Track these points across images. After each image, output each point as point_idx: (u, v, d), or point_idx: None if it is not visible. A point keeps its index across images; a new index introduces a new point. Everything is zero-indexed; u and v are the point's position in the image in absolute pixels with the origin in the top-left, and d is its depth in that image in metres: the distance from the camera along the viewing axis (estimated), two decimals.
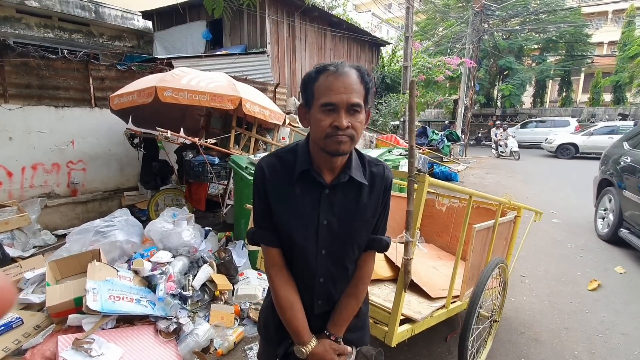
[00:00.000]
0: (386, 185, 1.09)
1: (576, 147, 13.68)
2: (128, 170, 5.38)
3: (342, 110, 0.92)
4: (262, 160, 1.08)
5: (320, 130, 0.94)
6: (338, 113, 0.92)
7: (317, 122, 0.94)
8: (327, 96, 0.92)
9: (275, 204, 1.04)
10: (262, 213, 1.08)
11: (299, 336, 1.05)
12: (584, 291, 3.39)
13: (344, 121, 0.92)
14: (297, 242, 1.05)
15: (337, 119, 0.92)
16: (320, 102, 0.93)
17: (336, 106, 0.92)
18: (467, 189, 2.02)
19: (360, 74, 0.96)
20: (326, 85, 0.93)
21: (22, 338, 2.09)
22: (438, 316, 1.96)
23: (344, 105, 0.92)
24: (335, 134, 0.92)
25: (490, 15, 15.38)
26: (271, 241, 1.08)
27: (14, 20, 8.63)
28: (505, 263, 2.40)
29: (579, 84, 27.31)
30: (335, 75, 0.93)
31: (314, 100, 0.95)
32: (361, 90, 0.95)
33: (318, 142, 0.97)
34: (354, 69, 0.95)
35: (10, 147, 4.22)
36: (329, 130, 0.92)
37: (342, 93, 0.91)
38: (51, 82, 4.61)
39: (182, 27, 10.14)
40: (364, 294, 1.14)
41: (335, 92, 0.92)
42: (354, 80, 0.94)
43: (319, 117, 0.94)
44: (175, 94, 3.69)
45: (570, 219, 5.70)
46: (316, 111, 0.95)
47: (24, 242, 3.84)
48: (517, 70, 20.27)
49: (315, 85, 0.95)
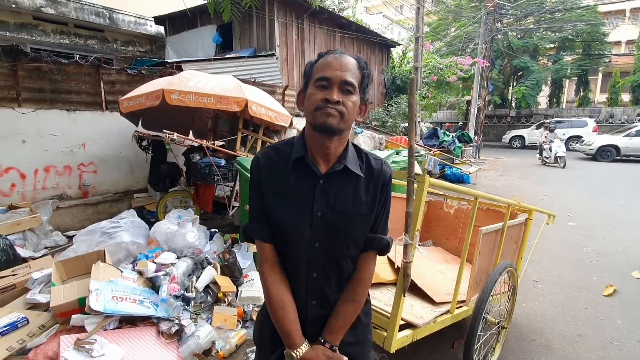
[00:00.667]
0: (384, 180, 1.05)
1: (617, 149, 12.67)
2: (138, 172, 5.45)
3: (335, 85, 0.94)
4: (259, 152, 1.10)
5: (311, 103, 0.95)
6: (331, 89, 0.94)
7: (310, 96, 0.96)
8: (323, 71, 0.95)
9: (269, 194, 1.03)
10: (256, 206, 1.07)
11: (289, 338, 1.01)
12: (599, 297, 3.26)
13: (335, 95, 0.93)
14: (290, 233, 1.02)
15: (328, 93, 0.93)
16: (316, 77, 0.96)
17: (330, 81, 0.94)
18: (472, 190, 1.95)
19: (358, 62, 0.99)
20: (324, 63, 0.97)
21: (26, 337, 2.11)
22: (442, 322, 1.90)
23: (337, 81, 0.94)
24: (324, 106, 0.93)
25: (504, 14, 15.13)
26: (264, 236, 1.05)
27: (31, 27, 8.91)
28: (515, 267, 2.31)
29: (597, 84, 26.57)
30: (334, 56, 0.97)
31: (310, 78, 0.98)
32: (357, 74, 0.97)
33: (308, 117, 0.99)
34: (352, 57, 0.99)
35: (23, 150, 4.33)
36: (320, 103, 0.94)
37: (337, 70, 0.94)
38: (63, 86, 4.72)
39: (193, 31, 10.28)
40: (363, 298, 1.09)
41: (330, 69, 0.94)
42: (352, 63, 0.97)
43: (312, 92, 0.96)
44: (182, 96, 3.72)
45: (586, 222, 5.51)
46: (311, 87, 0.97)
47: (35, 243, 3.92)
48: (532, 70, 19.84)
49: (314, 67, 0.99)
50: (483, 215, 2.80)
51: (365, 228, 1.05)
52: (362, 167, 1.05)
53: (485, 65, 13.52)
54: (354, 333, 1.09)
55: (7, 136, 4.19)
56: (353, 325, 1.08)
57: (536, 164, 12.31)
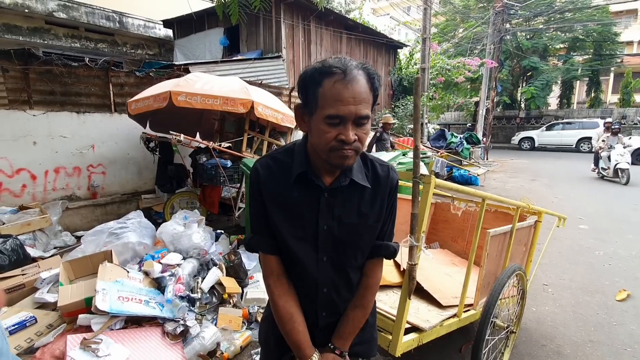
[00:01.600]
0: (391, 187, 1.02)
1: None
2: (145, 173, 5.51)
3: (350, 122, 0.84)
4: (257, 161, 1.02)
5: (323, 142, 0.86)
6: (345, 126, 0.84)
7: (321, 133, 0.86)
8: (334, 107, 0.83)
9: (272, 208, 0.98)
10: (258, 218, 1.02)
11: (299, 350, 0.99)
12: (612, 302, 3.18)
13: (351, 135, 0.84)
14: (296, 249, 0.98)
15: (343, 132, 0.84)
16: (326, 114, 0.84)
17: (344, 119, 0.84)
18: (480, 192, 1.92)
19: (369, 78, 0.87)
20: (333, 94, 0.83)
21: (34, 336, 2.13)
22: (449, 325, 1.86)
23: (352, 118, 0.84)
24: (341, 148, 0.85)
25: (513, 15, 14.98)
26: (268, 248, 1.01)
27: (43, 31, 9.08)
28: (524, 270, 2.26)
29: (609, 85, 26.11)
30: (343, 84, 0.83)
31: (318, 109, 0.86)
32: (370, 99, 0.87)
33: (320, 154, 0.90)
34: (362, 73, 0.86)
35: (34, 151, 4.40)
36: (334, 143, 0.85)
37: (350, 104, 0.83)
38: (73, 89, 4.80)
39: (201, 34, 10.38)
40: (371, 304, 1.08)
41: (343, 104, 0.83)
42: (364, 87, 0.85)
43: (322, 129, 0.85)
44: (188, 98, 3.75)
45: (598, 225, 5.40)
46: (320, 121, 0.86)
47: (45, 243, 3.97)
48: (541, 70, 19.58)
49: (319, 91, 0.85)
50: (491, 217, 2.76)
51: (372, 237, 1.03)
52: (367, 175, 1.00)
53: (493, 65, 13.38)
54: (360, 334, 1.09)
55: (18, 138, 4.26)
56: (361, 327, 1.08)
57: (590, 176, 9.68)
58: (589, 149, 15.67)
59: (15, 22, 8.63)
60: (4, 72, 4.18)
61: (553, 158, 14.18)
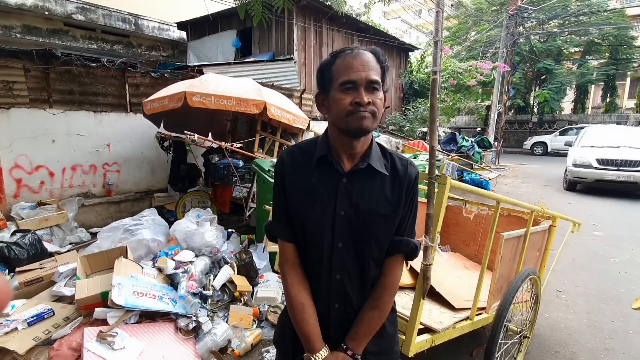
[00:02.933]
0: (410, 181, 1.03)
1: None
2: (159, 172, 5.59)
3: (362, 87, 0.92)
4: (284, 150, 1.09)
5: (341, 109, 0.93)
6: (358, 90, 0.92)
7: (338, 101, 0.94)
8: (347, 74, 0.92)
9: (292, 193, 1.03)
10: (279, 205, 1.07)
11: (309, 342, 0.99)
12: (628, 310, 3.11)
13: (365, 97, 0.91)
14: (313, 233, 1.01)
15: (357, 95, 0.92)
16: (340, 81, 0.93)
17: (356, 83, 0.92)
18: (495, 194, 1.91)
19: (375, 55, 0.97)
20: (344, 65, 0.94)
21: (52, 329, 2.18)
22: (461, 328, 1.85)
23: (364, 82, 0.92)
24: (357, 110, 0.92)
25: (527, 18, 14.80)
26: (286, 235, 1.05)
27: (62, 33, 9.32)
28: (538, 275, 2.24)
29: (625, 89, 25.55)
30: (352, 56, 0.94)
31: (333, 82, 0.96)
32: (378, 69, 0.95)
33: (339, 123, 0.96)
34: (368, 51, 0.97)
35: (53, 149, 4.52)
36: (350, 107, 0.92)
37: (360, 70, 0.92)
38: (91, 89, 4.92)
39: (214, 36, 10.52)
40: (388, 306, 1.05)
41: (354, 70, 0.92)
42: (371, 59, 0.95)
43: (339, 97, 0.94)
44: (203, 98, 3.81)
45: (614, 232, 5.29)
46: (335, 92, 0.95)
47: (61, 238, 4.07)
48: (555, 73, 19.28)
49: (332, 68, 0.96)
50: (504, 221, 2.74)
51: (390, 230, 1.02)
52: (386, 166, 1.03)
53: (506, 69, 13.24)
54: (378, 342, 1.06)
55: (38, 136, 4.38)
56: (378, 334, 1.05)
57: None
58: None
59: (35, 24, 8.88)
60: (25, 72, 4.31)
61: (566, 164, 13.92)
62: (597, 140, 8.82)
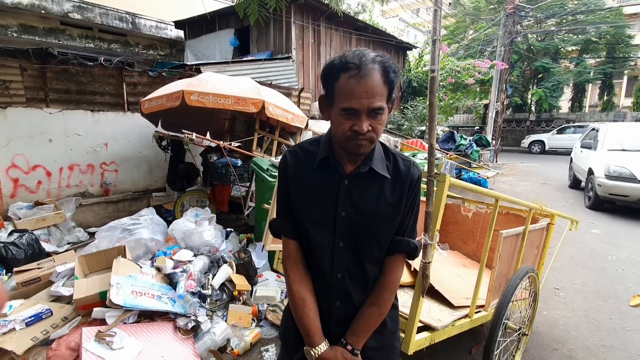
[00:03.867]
0: (412, 181, 1.03)
1: None
2: (156, 172, 5.58)
3: (363, 114, 0.89)
4: (286, 150, 1.10)
5: (340, 132, 0.93)
6: (359, 117, 0.90)
7: (338, 124, 0.93)
8: (348, 101, 0.89)
9: (294, 192, 1.04)
10: (282, 203, 1.09)
11: (309, 336, 1.01)
12: (626, 307, 3.13)
13: (364, 126, 0.89)
14: (314, 233, 1.02)
15: (357, 123, 0.90)
16: (341, 107, 0.90)
17: (357, 111, 0.89)
18: (493, 192, 1.91)
19: (384, 71, 0.90)
20: (347, 89, 0.88)
21: (50, 329, 2.17)
22: (460, 326, 1.85)
23: (365, 110, 0.89)
24: (355, 137, 0.91)
25: (524, 16, 14.82)
26: (289, 232, 1.07)
27: (59, 32, 9.27)
28: (536, 272, 2.25)
29: (622, 88, 25.63)
30: (356, 79, 0.87)
31: (335, 102, 0.93)
32: (384, 91, 0.90)
33: (338, 143, 0.97)
34: (377, 67, 0.89)
35: (50, 148, 4.49)
36: (349, 133, 0.91)
37: (362, 98, 0.88)
38: (88, 88, 4.88)
39: (211, 35, 10.48)
40: (388, 303, 1.06)
41: (356, 98, 0.88)
42: (377, 82, 0.88)
43: (339, 120, 0.92)
44: (201, 97, 3.79)
45: (611, 230, 5.31)
46: (336, 114, 0.93)
47: (59, 238, 4.05)
48: (553, 72, 19.32)
49: (335, 86, 0.91)
50: (503, 219, 2.74)
51: (390, 230, 1.03)
52: (389, 167, 1.03)
53: (504, 67, 13.25)
54: (378, 338, 1.08)
55: (34, 135, 4.35)
56: (378, 330, 1.06)
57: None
58: None
59: (31, 23, 8.83)
60: (22, 71, 4.28)
61: (564, 162, 13.91)
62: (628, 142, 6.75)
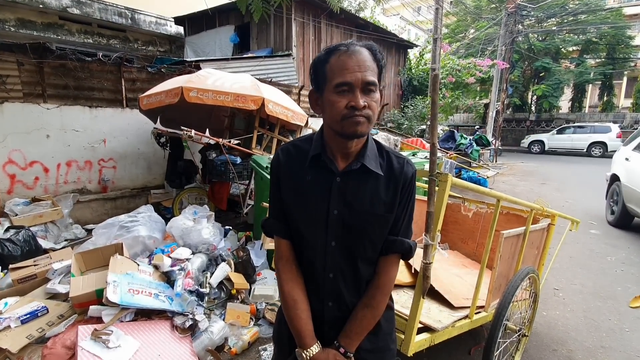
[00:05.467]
0: (405, 180, 1.00)
1: None
2: (155, 169, 5.55)
3: (358, 89, 0.88)
4: (279, 148, 1.07)
5: (335, 112, 0.90)
6: (353, 93, 0.88)
7: (332, 104, 0.90)
8: (342, 76, 0.88)
9: (286, 191, 1.02)
10: (274, 202, 1.07)
11: (300, 338, 0.99)
12: (625, 308, 3.12)
13: (361, 101, 0.88)
14: (306, 231, 1.00)
15: (353, 99, 0.88)
16: (334, 83, 0.89)
17: (351, 85, 0.88)
18: (495, 192, 1.89)
19: (372, 52, 0.92)
20: (339, 65, 0.89)
21: (45, 327, 2.15)
22: (460, 327, 1.84)
23: (359, 84, 0.88)
24: (352, 115, 0.88)
25: (525, 16, 14.80)
26: (281, 232, 1.05)
27: (57, 27, 9.19)
28: (537, 273, 2.23)
29: (622, 88, 25.64)
30: (347, 54, 0.89)
31: (327, 83, 0.91)
32: (375, 68, 0.91)
33: (333, 126, 0.93)
34: (365, 48, 0.92)
35: (47, 144, 4.46)
36: (345, 111, 0.88)
37: (356, 72, 0.88)
38: (86, 84, 4.85)
39: (211, 31, 10.42)
40: (382, 305, 1.03)
41: (349, 71, 0.88)
42: (367, 57, 0.90)
43: (333, 99, 0.90)
44: (200, 94, 3.77)
45: (610, 230, 5.31)
46: (330, 93, 0.90)
47: (56, 235, 4.02)
48: (554, 71, 19.31)
49: (327, 67, 0.91)
50: (503, 219, 2.73)
51: (383, 229, 1.00)
52: (382, 165, 1.00)
53: (504, 67, 13.23)
54: (373, 340, 1.05)
55: (32, 131, 4.32)
56: (373, 332, 1.04)
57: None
58: (600, 153, 15.44)
59: (29, 17, 8.75)
60: (19, 66, 4.24)
61: (563, 162, 13.98)
62: None
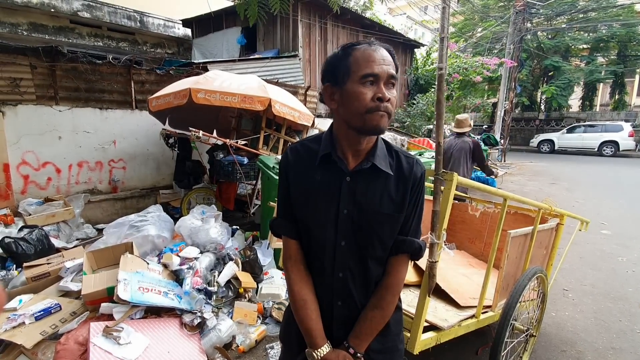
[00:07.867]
0: (415, 180, 1.00)
1: None
2: (164, 169, 5.62)
3: (382, 81, 0.90)
4: (288, 147, 1.08)
5: (361, 104, 0.89)
6: (378, 85, 0.90)
7: (357, 95, 0.90)
8: (369, 67, 0.89)
9: (295, 190, 1.02)
10: (283, 202, 1.07)
11: (310, 338, 0.99)
12: (636, 309, 3.07)
13: (387, 92, 0.90)
14: (315, 231, 1.00)
15: (379, 90, 0.89)
16: (361, 74, 0.89)
17: (377, 77, 0.89)
18: (502, 191, 1.88)
19: (389, 52, 0.95)
20: (365, 57, 0.90)
21: (59, 323, 2.20)
22: (467, 326, 1.84)
23: (385, 77, 0.90)
24: (377, 108, 0.89)
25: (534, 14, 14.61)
26: (290, 232, 1.05)
27: (68, 30, 9.38)
28: (545, 273, 2.22)
29: (634, 87, 25.17)
30: (372, 49, 0.91)
31: (351, 74, 0.91)
32: (394, 66, 0.94)
33: (354, 120, 0.92)
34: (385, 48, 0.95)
35: (59, 145, 4.55)
36: (372, 103, 0.89)
37: (382, 64, 0.90)
38: (97, 86, 4.94)
39: (219, 33, 10.51)
40: (391, 306, 1.03)
41: (376, 63, 0.89)
42: (387, 55, 0.93)
43: (359, 91, 0.89)
44: (208, 95, 3.81)
45: (622, 231, 5.22)
46: (354, 84, 0.90)
47: (68, 234, 4.10)
48: (563, 70, 19.00)
49: (350, 60, 0.91)
50: (511, 219, 2.71)
51: (393, 229, 1.00)
52: (392, 164, 1.00)
53: (513, 65, 13.07)
54: (382, 340, 1.05)
55: (44, 132, 4.42)
56: (382, 333, 1.04)
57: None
58: (612, 152, 15.18)
59: (41, 21, 8.94)
60: (32, 69, 4.33)
61: (574, 162, 13.78)
62: None
